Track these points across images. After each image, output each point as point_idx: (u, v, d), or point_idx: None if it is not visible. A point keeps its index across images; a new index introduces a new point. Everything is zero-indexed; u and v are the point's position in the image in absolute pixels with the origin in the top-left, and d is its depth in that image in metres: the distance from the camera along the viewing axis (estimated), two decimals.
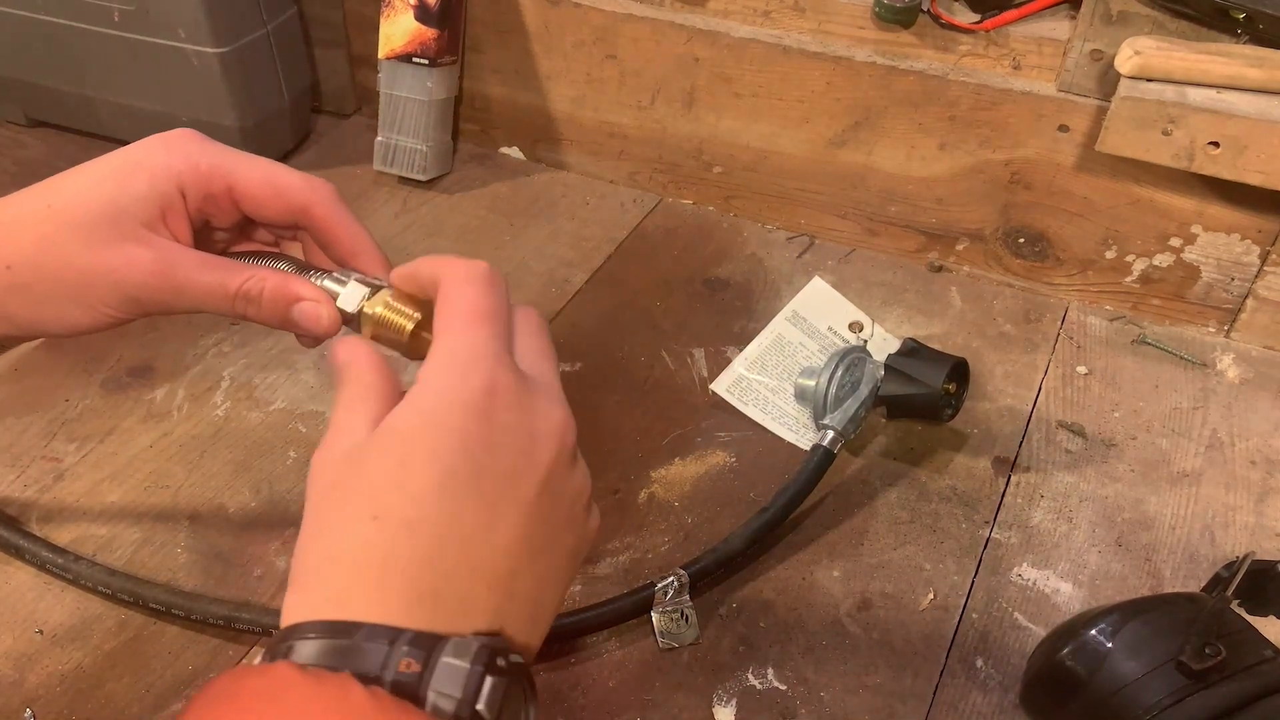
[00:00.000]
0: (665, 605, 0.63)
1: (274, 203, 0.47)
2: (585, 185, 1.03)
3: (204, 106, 0.98)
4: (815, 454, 0.69)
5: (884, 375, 0.71)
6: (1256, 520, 0.72)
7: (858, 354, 0.73)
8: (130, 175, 0.45)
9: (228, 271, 0.45)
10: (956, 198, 0.90)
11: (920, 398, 0.70)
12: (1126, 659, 0.51)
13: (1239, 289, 0.85)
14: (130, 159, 0.46)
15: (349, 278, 0.48)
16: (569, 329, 0.86)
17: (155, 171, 0.45)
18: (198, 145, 0.47)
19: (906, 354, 0.72)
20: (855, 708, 0.60)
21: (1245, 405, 0.81)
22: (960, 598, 0.66)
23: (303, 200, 0.47)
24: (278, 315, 0.46)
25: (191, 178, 0.45)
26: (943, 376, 0.71)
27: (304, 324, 0.46)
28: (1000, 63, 0.85)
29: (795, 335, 0.79)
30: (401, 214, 0.98)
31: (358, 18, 1.04)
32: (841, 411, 0.70)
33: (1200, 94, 0.74)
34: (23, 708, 0.59)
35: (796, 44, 0.89)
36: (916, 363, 0.71)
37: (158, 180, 0.45)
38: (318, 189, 0.47)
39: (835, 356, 0.72)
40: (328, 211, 0.47)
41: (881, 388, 0.71)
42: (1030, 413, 0.79)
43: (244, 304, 0.45)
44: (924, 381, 0.70)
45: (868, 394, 0.71)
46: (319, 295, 0.46)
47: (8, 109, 1.08)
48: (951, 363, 0.72)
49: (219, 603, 0.63)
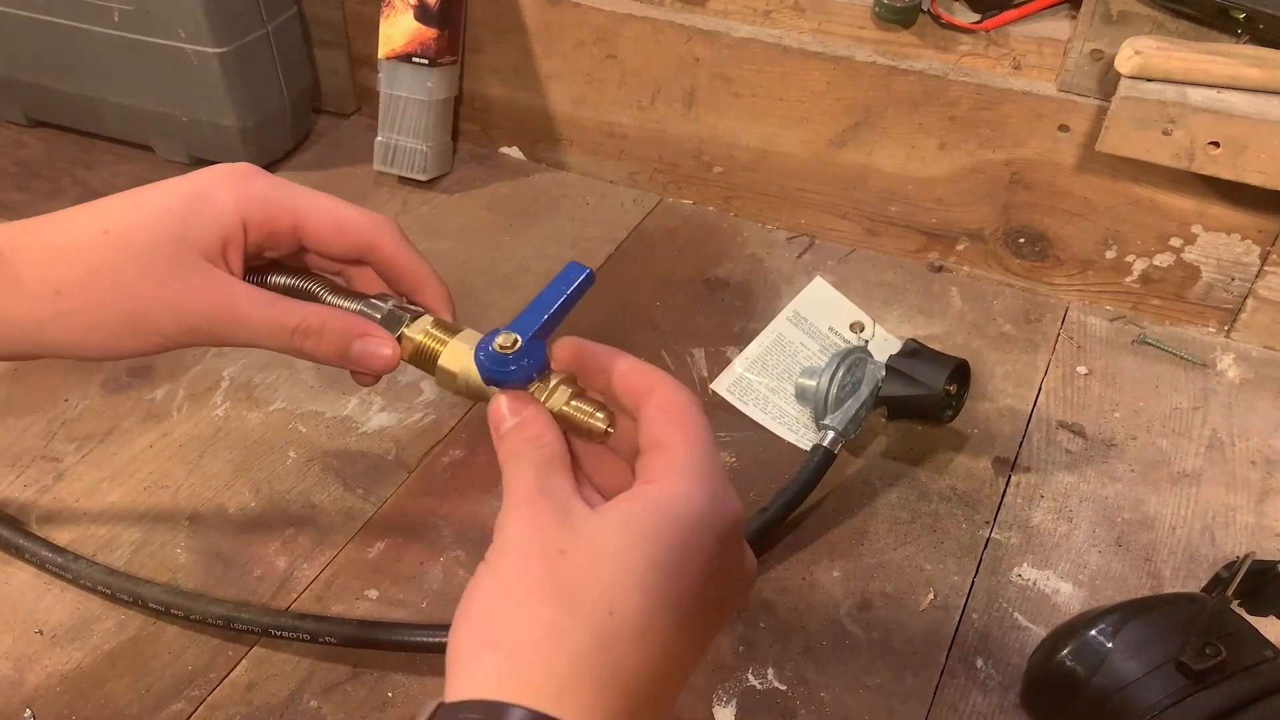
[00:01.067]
0: None
1: (339, 239, 0.47)
2: (585, 185, 1.03)
3: (204, 106, 0.98)
4: (815, 454, 0.69)
5: (885, 376, 0.71)
6: (1257, 520, 0.71)
7: (859, 354, 0.73)
8: (196, 207, 0.44)
9: (287, 307, 0.45)
10: (957, 198, 0.90)
11: (921, 399, 0.70)
12: (1127, 659, 0.51)
13: (1239, 289, 0.85)
14: (196, 189, 0.45)
15: (387, 303, 0.47)
16: (569, 329, 0.86)
17: (221, 205, 0.45)
18: (264, 182, 0.46)
19: (908, 355, 0.72)
20: (855, 708, 0.60)
21: (1245, 405, 0.81)
22: (960, 598, 0.66)
23: (367, 237, 0.47)
24: (337, 350, 0.46)
25: (258, 214, 0.45)
26: (944, 378, 0.71)
27: (365, 360, 0.46)
28: (1000, 63, 0.85)
29: (796, 335, 0.79)
30: (402, 214, 0.98)
31: (358, 18, 1.04)
32: (842, 412, 0.70)
33: (1200, 94, 0.74)
34: (23, 708, 0.59)
35: (796, 44, 0.89)
36: (918, 364, 0.71)
37: (223, 214, 0.44)
38: (382, 225, 0.48)
39: (836, 357, 0.72)
40: (394, 248, 0.48)
41: (882, 388, 0.71)
42: (1030, 413, 0.79)
43: (302, 339, 0.45)
44: (925, 383, 0.70)
45: (868, 394, 0.71)
46: (381, 331, 0.46)
47: (8, 109, 1.08)
48: (953, 364, 0.72)
49: (219, 603, 0.63)
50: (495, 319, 0.86)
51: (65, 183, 1.02)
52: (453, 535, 0.69)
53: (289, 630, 0.61)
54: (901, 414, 0.73)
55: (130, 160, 1.05)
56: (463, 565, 0.67)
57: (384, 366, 0.46)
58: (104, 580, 0.63)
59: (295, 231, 0.46)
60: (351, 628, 0.61)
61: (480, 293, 0.89)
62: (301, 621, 0.61)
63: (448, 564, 0.67)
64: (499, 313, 0.87)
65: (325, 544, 0.68)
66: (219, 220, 0.44)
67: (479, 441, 0.76)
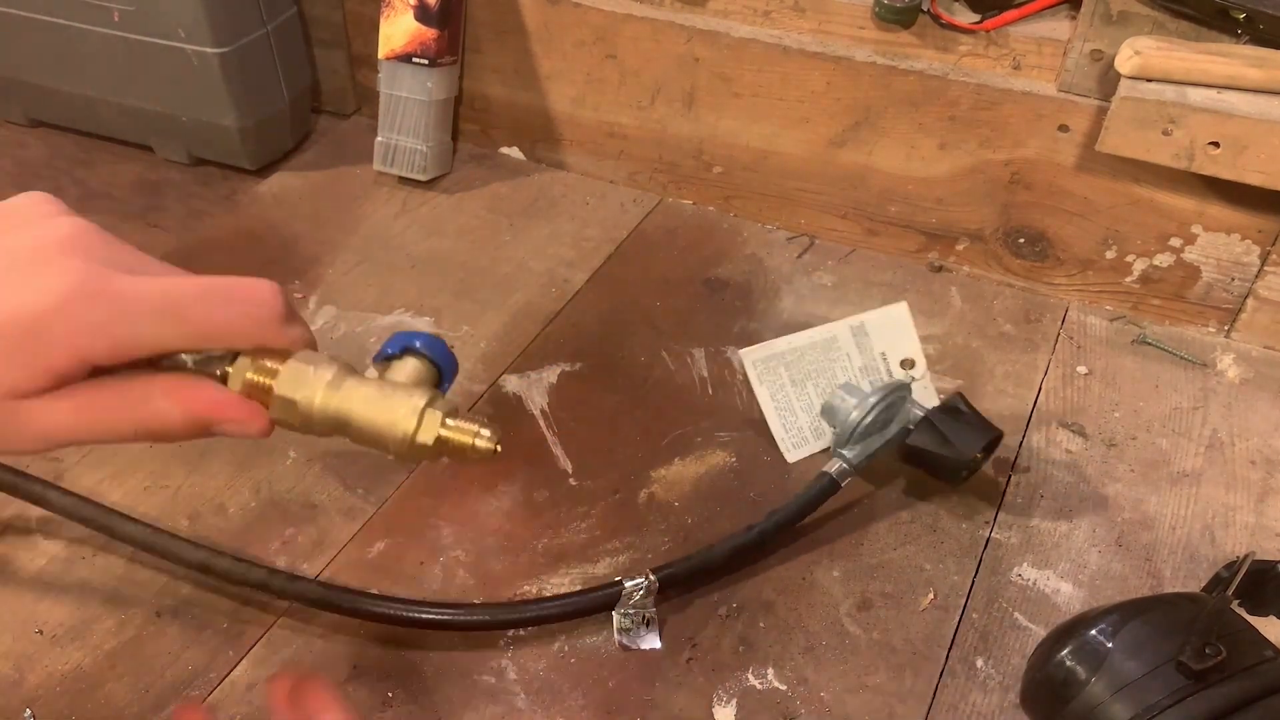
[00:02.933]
0: (629, 606, 0.63)
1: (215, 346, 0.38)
2: (585, 185, 1.03)
3: (204, 106, 0.98)
4: (820, 481, 0.68)
5: (919, 426, 0.68)
6: (1257, 520, 0.71)
7: (901, 393, 0.69)
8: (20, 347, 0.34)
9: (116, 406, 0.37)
10: (957, 198, 0.90)
11: (946, 460, 0.68)
12: (1127, 659, 0.51)
13: (1239, 289, 0.85)
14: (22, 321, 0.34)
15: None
16: (569, 329, 0.86)
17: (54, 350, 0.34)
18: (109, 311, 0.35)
19: (948, 411, 0.68)
20: (855, 708, 0.60)
21: (1245, 405, 0.81)
22: (960, 598, 0.66)
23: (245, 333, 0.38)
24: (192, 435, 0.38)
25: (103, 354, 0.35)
26: (978, 447, 0.68)
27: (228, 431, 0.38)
28: (1000, 63, 0.85)
29: (849, 345, 0.76)
30: (401, 214, 0.98)
31: (358, 18, 1.04)
32: (862, 447, 0.68)
33: (1200, 94, 0.74)
34: (22, 708, 0.59)
35: (796, 44, 0.89)
36: (955, 425, 0.68)
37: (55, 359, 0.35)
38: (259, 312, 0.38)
39: (881, 390, 0.69)
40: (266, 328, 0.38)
41: (912, 436, 0.68)
42: (1030, 413, 0.79)
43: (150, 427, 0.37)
44: (957, 446, 0.67)
45: (894, 434, 0.68)
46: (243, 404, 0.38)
47: (8, 109, 1.08)
48: (990, 436, 0.69)
49: (257, 567, 0.64)
50: (495, 319, 0.87)
51: (65, 182, 1.02)
52: (452, 535, 0.69)
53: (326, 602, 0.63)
54: (918, 463, 0.70)
55: (130, 160, 1.05)
56: (463, 565, 0.67)
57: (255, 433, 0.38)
58: (147, 539, 0.64)
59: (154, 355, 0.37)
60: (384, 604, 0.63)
61: (480, 293, 0.89)
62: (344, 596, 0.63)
63: (448, 564, 0.67)
64: (498, 313, 0.87)
65: (325, 544, 0.68)
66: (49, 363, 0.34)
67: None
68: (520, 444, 0.76)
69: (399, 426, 0.36)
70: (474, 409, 0.78)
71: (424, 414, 0.37)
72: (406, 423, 0.36)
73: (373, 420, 0.37)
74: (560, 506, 0.71)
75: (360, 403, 0.37)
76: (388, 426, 0.37)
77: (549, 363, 0.82)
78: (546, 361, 0.82)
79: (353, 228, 0.96)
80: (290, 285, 0.89)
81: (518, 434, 0.76)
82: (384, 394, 0.37)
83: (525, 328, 0.86)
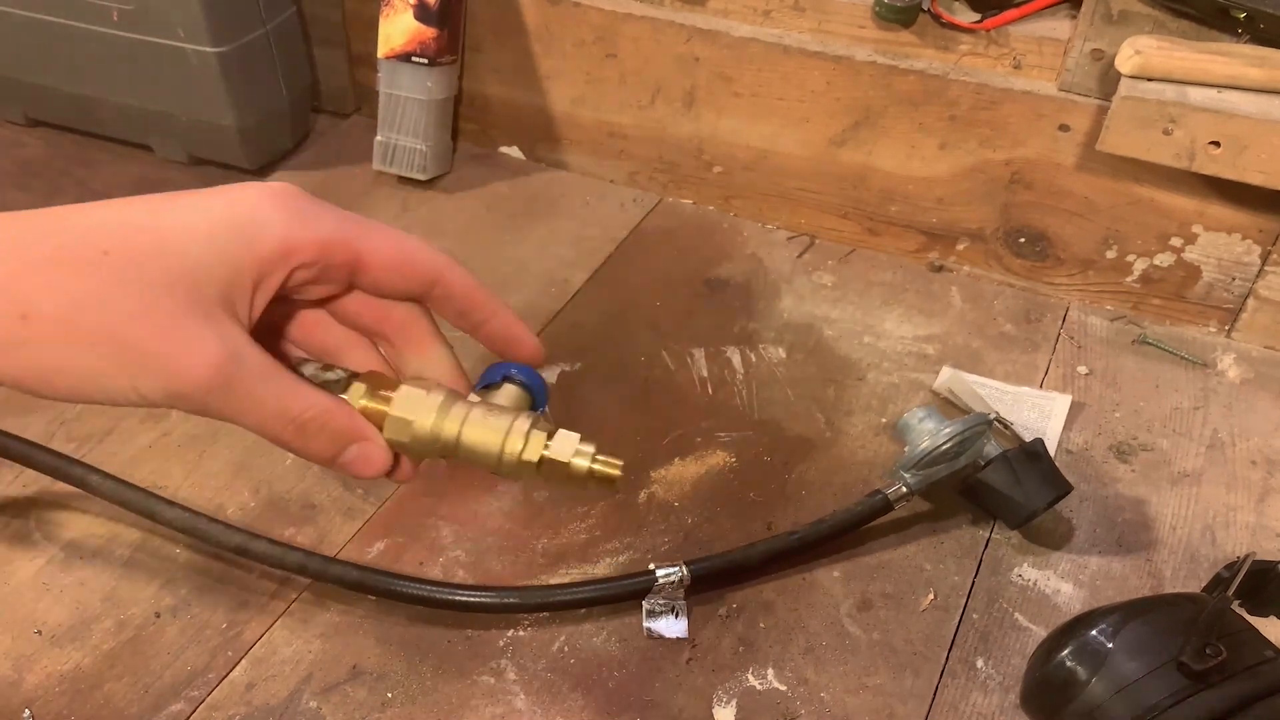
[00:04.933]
0: (661, 595, 0.63)
1: (404, 276, 0.40)
2: (585, 185, 1.03)
3: (203, 106, 0.98)
4: (873, 499, 0.67)
5: (994, 463, 0.67)
6: (1257, 520, 0.71)
7: (978, 428, 0.67)
8: (235, 236, 0.35)
9: (292, 392, 0.37)
10: (957, 197, 0.90)
11: (1012, 503, 0.66)
12: (1127, 659, 0.51)
13: (1240, 289, 0.85)
14: (240, 212, 0.36)
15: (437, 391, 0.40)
16: (569, 329, 0.86)
17: (269, 236, 0.36)
18: (317, 210, 0.37)
19: (1028, 456, 0.67)
20: (855, 708, 0.60)
21: (1246, 405, 0.80)
22: (961, 598, 0.66)
23: (435, 272, 0.40)
24: (329, 452, 0.39)
25: (312, 248, 0.36)
26: (1048, 499, 0.67)
27: (354, 468, 0.40)
28: (1001, 62, 0.85)
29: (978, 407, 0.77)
30: (401, 214, 0.98)
31: (357, 17, 1.04)
32: (926, 474, 0.66)
33: (1201, 93, 0.74)
34: (22, 708, 0.59)
35: (796, 43, 0.89)
36: (1032, 471, 0.66)
37: (266, 248, 0.35)
38: (446, 259, 0.41)
39: (961, 424, 0.66)
40: (464, 281, 0.41)
41: (985, 472, 0.67)
42: None
43: (295, 431, 0.38)
44: (1028, 492, 0.66)
45: (961, 467, 0.67)
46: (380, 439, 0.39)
47: (7, 109, 1.08)
48: (1062, 490, 0.67)
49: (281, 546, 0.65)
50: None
51: (64, 182, 1.02)
52: (452, 535, 0.69)
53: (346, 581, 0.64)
54: (978, 498, 0.68)
55: (129, 160, 1.05)
56: (462, 565, 0.67)
57: (370, 475, 0.40)
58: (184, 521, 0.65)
59: (352, 267, 0.38)
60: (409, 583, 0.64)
61: None
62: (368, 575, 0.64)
63: (447, 564, 0.67)
64: None
65: (325, 544, 0.68)
66: (259, 255, 0.35)
67: None
68: None
69: (507, 446, 0.39)
70: None
71: (530, 435, 0.39)
72: (513, 443, 0.39)
73: (484, 440, 0.39)
74: (560, 506, 0.71)
75: (470, 425, 0.39)
76: (496, 446, 0.39)
77: (549, 363, 0.82)
78: (546, 361, 0.82)
79: None
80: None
81: None
82: (492, 416, 0.39)
83: None
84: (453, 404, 0.40)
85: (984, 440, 0.68)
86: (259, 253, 0.35)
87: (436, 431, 0.39)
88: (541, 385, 0.43)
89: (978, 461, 0.67)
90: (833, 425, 0.78)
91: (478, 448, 0.39)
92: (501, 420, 0.39)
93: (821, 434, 0.77)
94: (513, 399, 0.42)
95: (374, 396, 0.39)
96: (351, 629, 0.63)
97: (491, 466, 0.39)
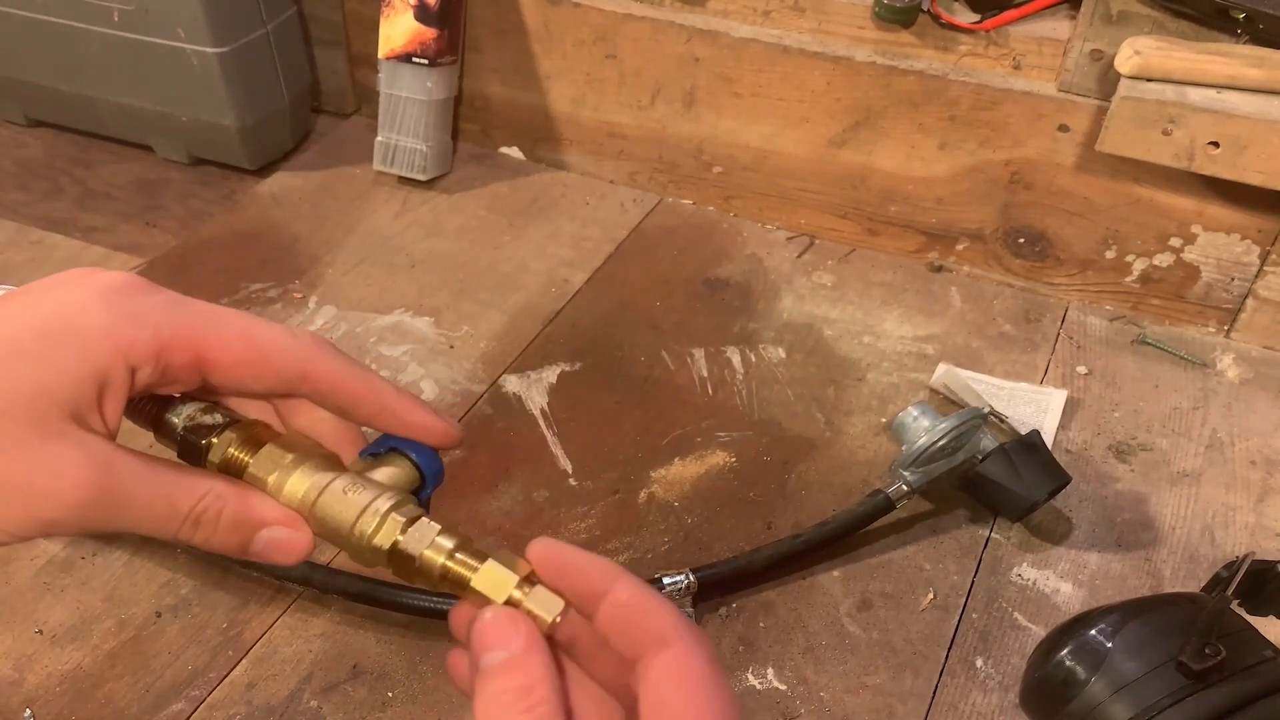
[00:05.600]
0: None
1: (259, 373, 0.34)
2: (585, 185, 1.03)
3: (203, 106, 0.98)
4: (874, 499, 0.67)
5: (992, 456, 0.67)
6: (1256, 520, 0.71)
7: (974, 422, 0.68)
8: (58, 347, 0.31)
9: (177, 485, 0.34)
10: (956, 197, 0.90)
11: (1012, 494, 0.67)
12: (1126, 659, 0.51)
13: (1239, 289, 0.85)
14: (55, 316, 0.32)
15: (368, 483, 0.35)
16: (569, 329, 0.86)
17: (93, 342, 0.32)
18: (149, 301, 0.33)
19: (1025, 447, 0.68)
20: (855, 708, 0.60)
21: (1245, 405, 0.81)
22: (960, 598, 0.66)
23: (298, 366, 0.35)
24: (236, 543, 0.35)
25: (145, 347, 0.32)
26: (1047, 489, 0.67)
27: (269, 555, 0.35)
28: (1000, 62, 0.85)
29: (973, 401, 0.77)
30: (401, 214, 0.98)
31: (357, 17, 1.04)
32: (925, 471, 0.67)
33: (1200, 94, 0.74)
34: (23, 707, 0.59)
35: (796, 44, 0.89)
36: (1030, 461, 0.67)
37: (95, 354, 0.32)
38: (312, 345, 0.35)
39: (956, 418, 0.67)
40: (334, 370, 0.35)
41: (984, 465, 0.67)
42: None
43: (191, 529, 0.34)
44: (1027, 483, 0.66)
45: (960, 461, 0.68)
46: (290, 519, 0.35)
47: (7, 109, 1.08)
48: (1061, 480, 0.68)
49: None
50: (495, 319, 0.87)
51: (64, 182, 1.02)
52: None
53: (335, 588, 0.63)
54: (979, 493, 0.69)
55: (129, 160, 1.05)
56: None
57: (294, 560, 0.35)
58: None
59: (198, 365, 0.34)
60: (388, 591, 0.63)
61: (480, 293, 0.89)
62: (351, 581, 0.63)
63: None
64: (498, 313, 0.87)
65: (324, 544, 0.68)
66: (93, 364, 0.32)
67: (478, 442, 0.76)
68: (520, 444, 0.76)
69: (359, 525, 0.34)
70: (474, 409, 0.78)
71: (388, 517, 0.33)
72: (366, 522, 0.34)
73: (336, 514, 0.34)
74: (560, 506, 0.71)
75: (327, 495, 0.34)
76: (348, 523, 0.34)
77: (549, 363, 0.82)
78: (546, 361, 0.82)
79: (352, 227, 0.96)
80: (290, 285, 0.89)
81: (517, 434, 0.76)
82: (354, 490, 0.34)
83: (525, 328, 0.86)
84: (317, 470, 0.35)
85: (980, 435, 0.68)
86: (92, 361, 0.32)
87: (291, 496, 0.34)
88: (435, 468, 0.37)
89: (976, 456, 0.67)
90: (833, 425, 0.78)
91: (328, 520, 0.34)
92: (363, 496, 0.34)
93: (821, 434, 0.77)
94: (394, 478, 0.35)
95: (242, 448, 0.35)
96: (352, 629, 0.63)
97: (342, 545, 0.34)
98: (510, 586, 0.32)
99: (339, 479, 0.34)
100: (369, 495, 0.34)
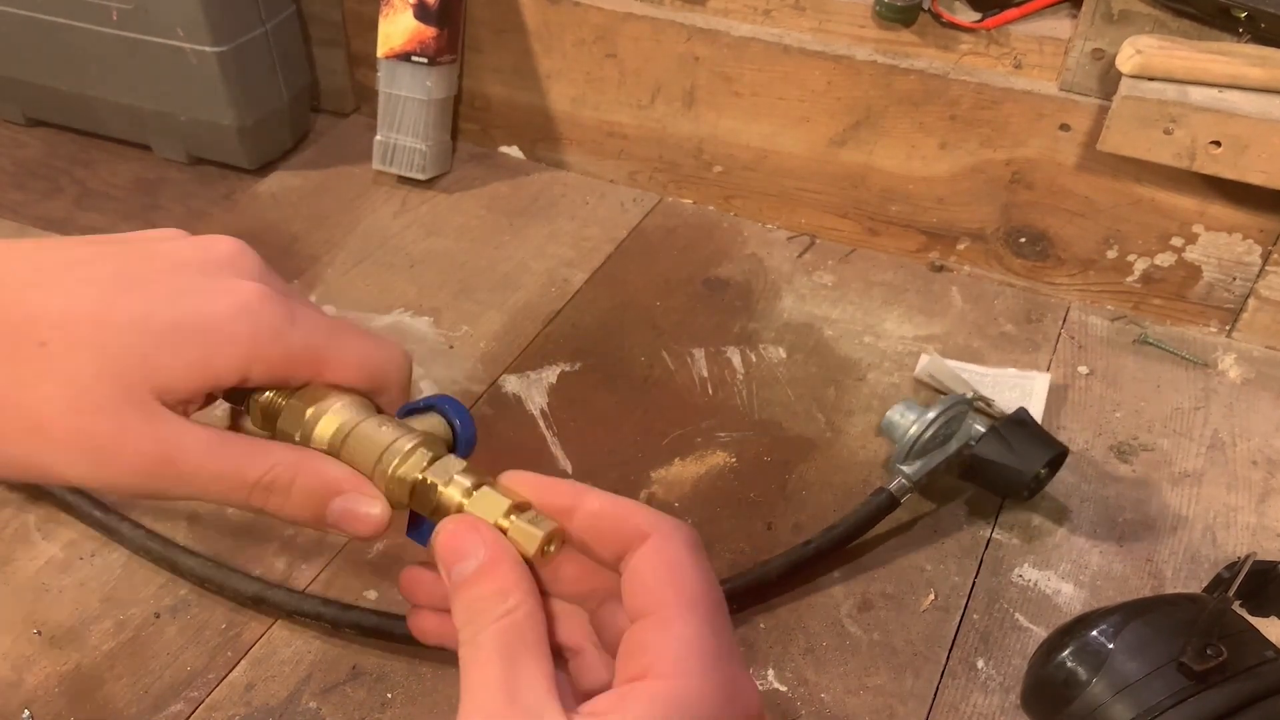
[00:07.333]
0: None
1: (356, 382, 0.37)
2: (585, 185, 1.03)
3: (202, 105, 0.97)
4: (877, 497, 0.67)
5: (985, 437, 0.67)
6: (1258, 520, 0.71)
7: (961, 408, 0.68)
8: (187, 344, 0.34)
9: (249, 455, 0.35)
10: (957, 197, 0.90)
11: (1010, 471, 0.67)
12: (1128, 660, 0.51)
13: (1241, 289, 0.85)
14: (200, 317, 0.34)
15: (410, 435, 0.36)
16: (569, 329, 0.86)
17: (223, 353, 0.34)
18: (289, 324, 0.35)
19: (1015, 423, 0.68)
20: (856, 709, 0.60)
21: (1247, 405, 0.80)
22: (961, 598, 0.66)
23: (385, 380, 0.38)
24: (310, 511, 0.36)
25: (269, 364, 0.35)
26: (1043, 461, 0.67)
27: (344, 525, 0.36)
28: (1001, 62, 0.84)
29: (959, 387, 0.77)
30: (401, 213, 0.98)
31: (357, 16, 1.04)
32: (923, 463, 0.67)
33: (1202, 93, 0.74)
34: (21, 708, 0.59)
35: (797, 43, 0.89)
36: (1022, 435, 0.67)
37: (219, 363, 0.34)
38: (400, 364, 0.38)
39: (940, 405, 0.67)
40: (402, 389, 0.39)
41: (978, 446, 0.67)
42: None
43: (264, 496, 0.35)
44: (1022, 458, 0.67)
45: (955, 451, 0.68)
46: (362, 484, 0.36)
47: (6, 108, 1.08)
48: (1056, 450, 0.68)
49: (250, 579, 0.64)
50: (495, 319, 0.86)
51: (64, 182, 1.02)
52: None
53: (311, 615, 0.63)
54: (980, 478, 0.69)
55: (129, 159, 1.05)
56: None
57: (369, 533, 0.36)
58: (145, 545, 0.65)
59: (311, 376, 0.37)
60: (373, 618, 0.62)
61: (480, 293, 0.89)
62: (325, 608, 0.63)
63: None
64: (499, 313, 0.87)
65: (324, 544, 0.68)
66: (212, 367, 0.34)
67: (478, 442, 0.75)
68: (520, 444, 0.75)
69: (385, 457, 0.35)
70: (473, 409, 0.78)
71: (415, 452, 0.35)
72: (391, 454, 0.35)
73: (364, 448, 0.35)
74: None
75: (359, 429, 0.35)
76: (374, 456, 0.35)
77: (549, 363, 0.82)
78: (546, 361, 0.82)
79: (351, 227, 0.96)
80: (289, 284, 0.89)
81: (517, 434, 0.76)
82: (386, 427, 0.35)
83: (525, 328, 0.85)
84: (354, 409, 0.36)
85: (971, 422, 0.68)
86: (216, 369, 0.34)
87: (326, 428, 0.35)
88: (470, 429, 0.38)
89: (970, 442, 0.68)
90: (833, 425, 0.78)
91: (358, 451, 0.35)
92: (392, 433, 0.35)
93: (822, 434, 0.77)
94: (430, 428, 0.37)
95: (280, 392, 0.36)
96: None
97: (368, 477, 0.35)
98: (500, 511, 0.33)
99: (374, 418, 0.36)
100: (399, 433, 0.35)
